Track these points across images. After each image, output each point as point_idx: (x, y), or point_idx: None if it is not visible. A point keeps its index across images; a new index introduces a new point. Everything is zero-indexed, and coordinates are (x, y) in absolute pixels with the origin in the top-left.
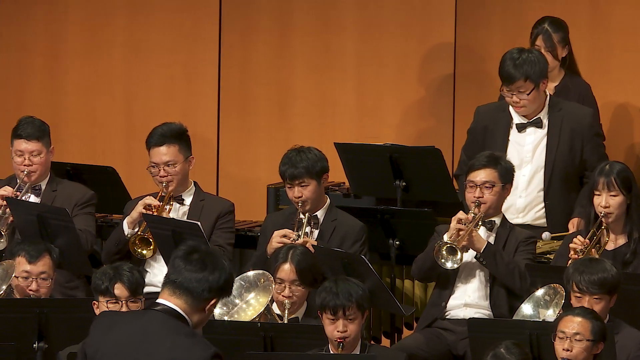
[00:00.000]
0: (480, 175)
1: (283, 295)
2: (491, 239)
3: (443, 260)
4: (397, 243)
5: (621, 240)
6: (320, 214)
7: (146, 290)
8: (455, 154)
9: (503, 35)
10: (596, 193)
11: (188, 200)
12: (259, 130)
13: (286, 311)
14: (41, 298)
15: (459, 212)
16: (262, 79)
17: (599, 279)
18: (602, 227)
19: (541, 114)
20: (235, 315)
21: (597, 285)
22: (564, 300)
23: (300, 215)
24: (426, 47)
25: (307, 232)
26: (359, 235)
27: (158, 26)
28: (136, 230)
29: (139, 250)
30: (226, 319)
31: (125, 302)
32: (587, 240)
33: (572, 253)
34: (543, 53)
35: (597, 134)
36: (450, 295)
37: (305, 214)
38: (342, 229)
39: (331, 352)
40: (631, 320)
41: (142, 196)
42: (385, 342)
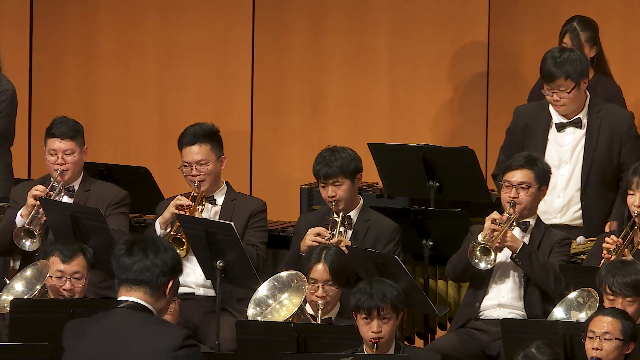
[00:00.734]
0: (517, 176)
1: (316, 296)
2: (526, 240)
3: (477, 261)
4: (431, 243)
5: None
6: (353, 214)
7: (179, 290)
8: (488, 154)
9: (536, 35)
10: (630, 192)
11: (220, 200)
12: (292, 130)
13: (319, 311)
14: (75, 298)
15: (493, 213)
16: (296, 79)
17: (632, 281)
18: (636, 227)
19: (581, 114)
20: (269, 316)
21: (630, 287)
22: (598, 304)
23: (334, 215)
24: (459, 47)
25: (341, 232)
26: (393, 235)
27: (191, 26)
28: (168, 230)
29: None
30: (259, 319)
31: None
32: (620, 240)
33: (605, 252)
34: None
35: (636, 136)
36: (484, 296)
37: (339, 214)
38: (376, 230)
39: (365, 353)
40: None
41: (175, 196)
42: (419, 343)
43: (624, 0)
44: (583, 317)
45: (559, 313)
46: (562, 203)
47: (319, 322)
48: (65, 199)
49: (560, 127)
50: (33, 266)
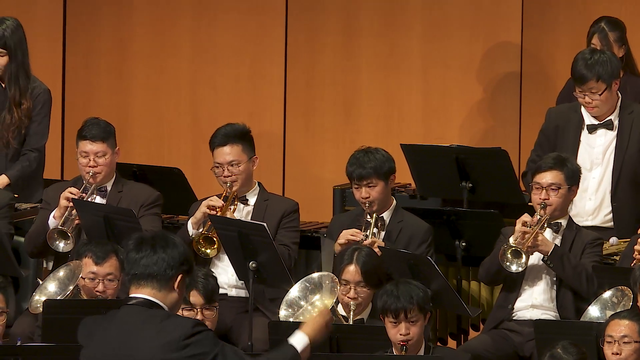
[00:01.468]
0: (547, 177)
1: (348, 297)
2: (557, 241)
3: (508, 264)
4: (464, 244)
5: None
6: (386, 215)
7: None
8: (521, 156)
9: (569, 36)
10: None
11: (252, 200)
12: (325, 131)
13: (351, 312)
14: (108, 299)
15: (524, 215)
16: (328, 80)
17: None
18: None
19: (612, 116)
20: (301, 317)
21: None
22: (632, 303)
23: (367, 217)
24: (492, 48)
25: (374, 233)
26: (425, 236)
27: (224, 27)
28: (200, 230)
29: (203, 250)
30: (291, 320)
31: (200, 310)
32: None
33: (637, 254)
34: None
35: None
36: (516, 298)
37: (372, 215)
38: (409, 231)
39: (395, 354)
40: None
41: (207, 197)
42: (452, 344)
43: None
44: None
45: (594, 312)
46: (594, 206)
47: (351, 323)
48: (98, 200)
49: (592, 129)
50: (66, 267)
